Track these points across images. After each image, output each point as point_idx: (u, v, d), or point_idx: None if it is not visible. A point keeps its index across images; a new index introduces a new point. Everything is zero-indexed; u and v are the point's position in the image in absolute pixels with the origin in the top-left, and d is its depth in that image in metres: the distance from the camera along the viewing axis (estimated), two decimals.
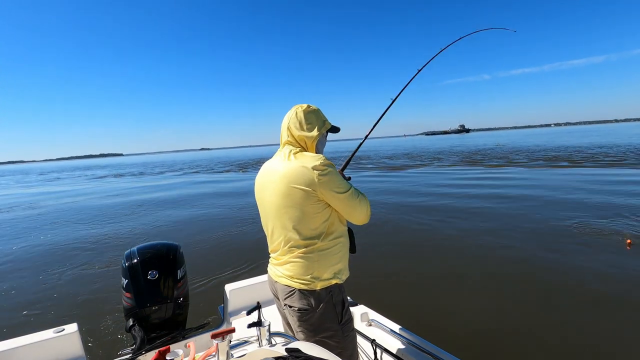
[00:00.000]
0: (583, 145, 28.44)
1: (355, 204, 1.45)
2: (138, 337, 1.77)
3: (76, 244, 7.57)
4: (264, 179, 1.56)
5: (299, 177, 1.39)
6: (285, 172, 1.42)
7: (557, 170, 14.63)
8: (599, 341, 3.00)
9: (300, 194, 1.39)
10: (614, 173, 12.57)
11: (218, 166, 36.14)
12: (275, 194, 1.45)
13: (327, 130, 1.60)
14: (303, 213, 1.40)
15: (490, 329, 3.29)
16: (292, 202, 1.40)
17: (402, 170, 19.65)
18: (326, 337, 1.45)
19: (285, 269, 1.48)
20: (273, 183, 1.47)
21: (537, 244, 5.46)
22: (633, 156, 17.88)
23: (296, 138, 1.53)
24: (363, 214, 1.49)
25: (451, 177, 14.80)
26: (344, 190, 1.42)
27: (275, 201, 1.46)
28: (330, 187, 1.39)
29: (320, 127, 1.55)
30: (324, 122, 1.58)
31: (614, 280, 4.07)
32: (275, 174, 1.48)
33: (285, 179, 1.42)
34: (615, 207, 7.40)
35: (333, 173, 1.41)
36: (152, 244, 2.01)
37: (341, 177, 1.46)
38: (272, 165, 1.54)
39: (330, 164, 1.42)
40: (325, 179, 1.38)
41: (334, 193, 1.40)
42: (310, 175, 1.37)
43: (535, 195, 9.39)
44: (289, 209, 1.42)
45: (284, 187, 1.42)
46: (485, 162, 20.34)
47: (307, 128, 1.53)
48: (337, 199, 1.41)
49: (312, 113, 1.56)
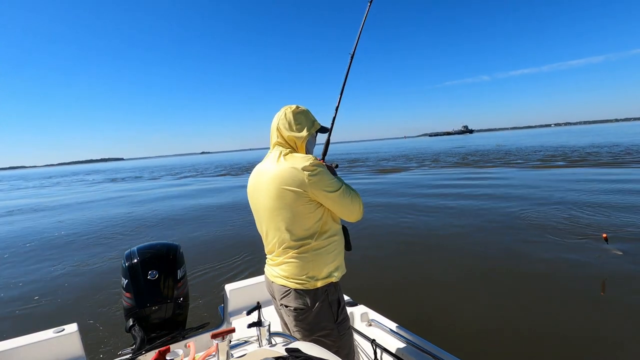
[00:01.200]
0: (579, 145, 28.38)
1: (347, 202, 1.46)
2: (138, 337, 1.76)
3: (76, 244, 7.58)
4: (255, 182, 1.56)
5: (289, 179, 1.39)
6: (276, 174, 1.43)
7: (552, 171, 14.64)
8: (600, 338, 3.01)
9: (291, 195, 1.39)
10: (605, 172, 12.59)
11: (218, 169, 36.09)
12: (267, 197, 1.46)
13: (316, 130, 1.60)
14: (295, 214, 1.41)
15: (490, 329, 3.29)
16: (284, 203, 1.41)
17: (399, 172, 19.65)
18: (322, 336, 1.45)
19: (280, 269, 1.49)
20: (264, 185, 1.47)
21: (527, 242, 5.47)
22: (627, 155, 17.89)
23: (286, 139, 1.53)
24: (355, 211, 1.49)
25: (450, 178, 14.81)
26: (334, 189, 1.42)
27: (268, 203, 1.46)
28: (321, 187, 1.40)
29: (310, 128, 1.55)
30: (313, 123, 1.58)
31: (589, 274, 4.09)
32: (266, 176, 1.48)
33: (276, 181, 1.42)
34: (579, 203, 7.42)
35: (323, 173, 1.41)
36: (152, 244, 2.01)
37: (331, 176, 1.45)
38: (263, 167, 1.54)
39: (320, 163, 1.43)
40: (315, 179, 1.38)
41: (325, 192, 1.41)
42: (300, 176, 1.38)
43: (520, 194, 9.41)
44: (281, 210, 1.42)
45: (275, 189, 1.42)
46: (480, 163, 20.34)
47: (297, 129, 1.53)
48: (329, 198, 1.42)
49: (301, 114, 1.56)
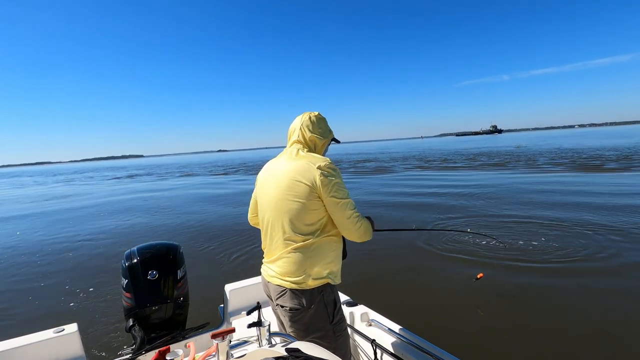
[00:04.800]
0: (603, 147, 26.81)
1: (349, 214, 1.46)
2: (138, 337, 1.77)
3: (76, 244, 7.57)
4: (267, 173, 1.61)
5: (303, 172, 1.44)
6: (292, 167, 1.48)
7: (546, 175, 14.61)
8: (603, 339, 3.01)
9: (302, 188, 1.43)
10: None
11: (231, 167, 35.82)
12: (278, 187, 1.49)
13: (331, 139, 1.69)
14: (301, 207, 1.44)
15: (490, 329, 3.29)
16: (293, 194, 1.45)
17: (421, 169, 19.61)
18: (318, 337, 1.45)
19: (277, 265, 1.50)
20: (277, 175, 1.52)
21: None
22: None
23: (307, 139, 1.60)
24: (356, 230, 1.49)
25: (452, 179, 14.79)
26: (341, 197, 1.45)
27: (277, 193, 1.49)
28: (329, 190, 1.43)
29: (327, 135, 1.65)
30: (330, 132, 1.68)
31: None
32: (280, 168, 1.53)
33: (290, 173, 1.47)
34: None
35: (336, 177, 1.46)
36: (152, 244, 2.01)
37: (343, 184, 1.49)
38: (278, 161, 1.59)
39: (335, 168, 1.48)
40: (326, 180, 1.42)
41: (332, 197, 1.44)
42: (314, 173, 1.43)
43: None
44: (288, 201, 1.46)
45: (287, 179, 1.47)
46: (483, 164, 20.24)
47: (319, 133, 1.62)
48: (333, 203, 1.44)
49: (323, 120, 1.67)
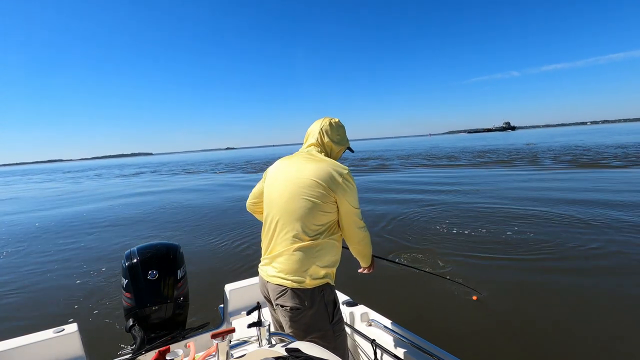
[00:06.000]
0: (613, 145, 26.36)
1: (359, 223, 1.57)
2: (138, 337, 1.76)
3: (76, 243, 7.57)
4: (279, 169, 1.62)
5: (324, 176, 1.47)
6: (312, 168, 1.50)
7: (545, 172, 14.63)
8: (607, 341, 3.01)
9: (319, 189, 1.46)
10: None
11: (239, 165, 35.75)
12: (293, 183, 1.51)
13: (346, 148, 1.73)
14: (314, 206, 1.46)
15: (490, 329, 3.29)
16: (311, 194, 1.47)
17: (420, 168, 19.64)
18: (317, 337, 1.46)
19: (278, 262, 1.50)
20: (292, 173, 1.54)
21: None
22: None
23: (324, 143, 1.64)
24: (361, 239, 1.62)
25: (453, 176, 14.81)
26: (356, 206, 1.54)
27: (291, 190, 1.50)
28: (347, 197, 1.49)
29: (344, 143, 1.71)
30: (347, 140, 1.73)
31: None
32: (296, 167, 1.55)
33: (309, 172, 1.49)
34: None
35: (354, 188, 1.53)
36: (152, 244, 2.01)
37: (357, 195, 1.56)
38: (292, 159, 1.62)
39: (353, 178, 1.53)
40: (347, 187, 1.49)
41: (348, 205, 1.50)
42: (336, 178, 1.47)
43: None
44: (302, 199, 1.47)
45: (305, 178, 1.49)
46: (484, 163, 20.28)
47: (337, 139, 1.67)
48: (349, 210, 1.51)
49: (342, 128, 1.71)
